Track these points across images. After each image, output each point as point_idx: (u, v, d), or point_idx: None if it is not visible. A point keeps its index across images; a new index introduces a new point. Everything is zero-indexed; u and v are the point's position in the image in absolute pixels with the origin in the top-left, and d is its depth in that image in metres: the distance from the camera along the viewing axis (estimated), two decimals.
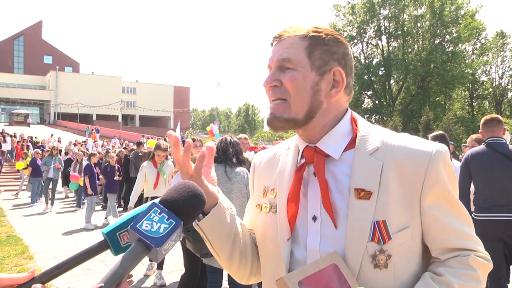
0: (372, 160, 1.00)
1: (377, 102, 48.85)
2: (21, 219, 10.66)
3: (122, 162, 12.28)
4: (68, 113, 62.21)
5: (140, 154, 10.77)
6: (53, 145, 14.46)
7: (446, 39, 45.01)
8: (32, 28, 75.54)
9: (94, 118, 63.91)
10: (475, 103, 48.03)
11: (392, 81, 48.91)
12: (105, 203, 11.68)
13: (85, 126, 45.31)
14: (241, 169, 3.84)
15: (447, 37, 45.01)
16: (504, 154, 3.81)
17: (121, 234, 0.84)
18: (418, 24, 46.03)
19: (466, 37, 43.95)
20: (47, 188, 12.73)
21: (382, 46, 47.99)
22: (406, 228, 0.97)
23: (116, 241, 0.83)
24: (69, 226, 9.65)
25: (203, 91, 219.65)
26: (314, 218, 1.02)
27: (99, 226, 9.63)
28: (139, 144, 12.79)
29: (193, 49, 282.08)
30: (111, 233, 0.83)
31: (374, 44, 48.98)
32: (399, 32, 45.94)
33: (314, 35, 1.03)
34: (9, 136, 25.53)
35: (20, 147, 20.71)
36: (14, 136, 26.38)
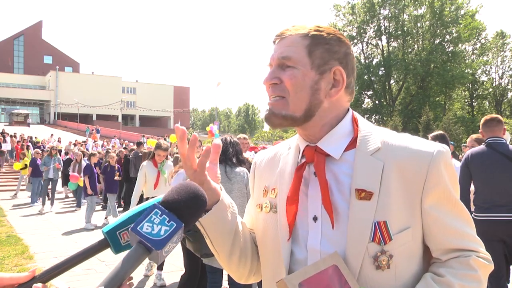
0: (373, 161, 0.99)
1: (377, 102, 48.87)
2: (21, 219, 10.66)
3: (122, 162, 12.29)
4: (68, 113, 62.20)
5: (140, 154, 10.77)
6: (52, 145, 14.41)
7: (446, 39, 45.04)
8: (32, 28, 75.53)
9: (94, 118, 63.88)
10: (475, 103, 48.06)
11: (392, 81, 48.94)
12: (105, 203, 11.68)
13: (85, 126, 45.30)
14: (241, 169, 3.84)
15: (447, 37, 45.05)
16: (504, 154, 3.81)
17: (121, 233, 0.84)
18: (418, 24, 46.06)
19: (466, 37, 43.97)
20: (46, 189, 12.72)
21: (382, 46, 48.02)
22: (407, 229, 0.97)
23: (117, 240, 0.83)
24: (69, 226, 9.65)
25: (203, 91, 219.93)
26: (315, 218, 1.02)
27: (99, 226, 9.63)
28: (139, 144, 12.80)
29: (193, 49, 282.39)
30: (111, 232, 0.83)
31: (374, 44, 49.02)
32: (399, 32, 45.96)
33: (315, 34, 1.02)
34: (9, 136, 25.54)
35: (20, 147, 20.68)
36: (14, 136, 26.37)
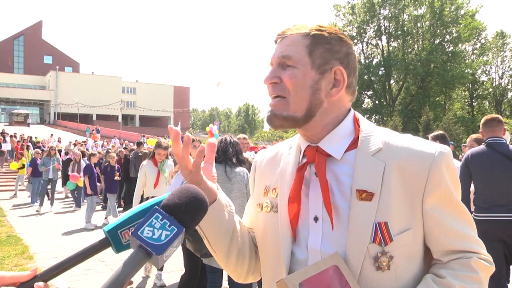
0: (374, 161, 0.99)
1: (377, 102, 48.87)
2: (21, 219, 10.66)
3: (122, 162, 12.29)
4: (68, 113, 62.20)
5: (140, 154, 10.77)
6: (51, 146, 14.39)
7: (446, 39, 45.03)
8: (32, 28, 75.52)
9: (94, 118, 63.88)
10: (475, 103, 48.05)
11: (392, 81, 48.93)
12: (105, 203, 11.68)
13: (85, 126, 45.30)
14: (241, 169, 3.84)
15: (447, 37, 45.04)
16: (504, 154, 3.81)
17: (123, 232, 0.83)
18: (418, 24, 46.05)
19: (466, 37, 43.96)
20: (46, 189, 12.70)
21: (382, 46, 48.01)
22: (408, 230, 0.97)
23: (118, 239, 0.83)
24: (69, 226, 9.64)
25: (203, 91, 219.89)
26: (316, 219, 1.02)
27: (99, 226, 9.63)
28: (139, 144, 12.80)
29: (193, 49, 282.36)
30: (113, 231, 0.83)
31: (374, 44, 49.01)
32: (399, 32, 45.95)
33: (316, 34, 1.02)
34: (9, 136, 25.54)
35: (20, 147, 20.67)
36: (14, 136, 26.38)
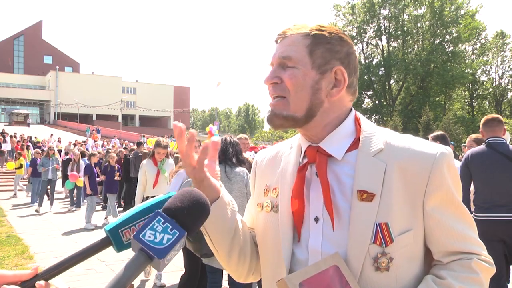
0: (375, 162, 0.99)
1: (377, 102, 48.88)
2: (21, 219, 10.66)
3: (122, 162, 12.28)
4: (68, 113, 62.17)
5: (140, 154, 10.76)
6: (50, 146, 14.36)
7: (446, 39, 45.05)
8: (32, 28, 75.50)
9: (94, 118, 63.86)
10: (475, 103, 48.06)
11: (392, 81, 48.94)
12: (105, 203, 11.68)
13: (85, 126, 45.29)
14: (241, 169, 3.83)
15: (447, 37, 45.06)
16: (504, 154, 3.81)
17: (124, 231, 0.83)
18: (418, 24, 46.06)
19: (466, 37, 43.98)
20: (45, 189, 12.67)
21: (382, 46, 48.02)
22: (409, 231, 0.96)
23: (119, 238, 0.83)
24: (69, 226, 9.64)
25: (203, 91, 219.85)
26: (316, 219, 1.01)
27: (99, 226, 9.63)
28: (139, 144, 12.79)
29: (193, 49, 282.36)
30: (114, 230, 0.83)
31: (374, 44, 49.03)
32: (399, 32, 45.97)
33: (317, 34, 1.02)
34: (9, 136, 25.54)
35: (20, 147, 20.67)
36: (14, 136, 26.39)
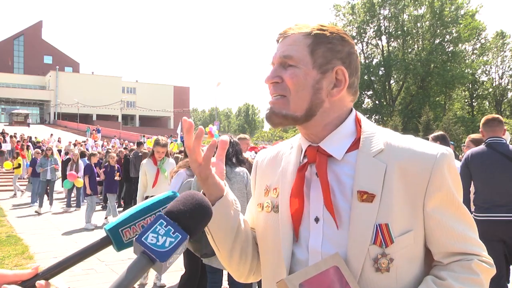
0: (376, 162, 0.98)
1: (377, 102, 48.90)
2: (21, 219, 10.66)
3: (122, 162, 12.28)
4: (68, 113, 62.17)
5: (140, 154, 10.77)
6: (47, 146, 14.36)
7: (446, 39, 45.07)
8: (32, 28, 75.48)
9: (94, 118, 63.83)
10: (475, 103, 48.08)
11: (392, 81, 48.96)
12: (105, 203, 11.68)
13: (85, 126, 45.28)
14: (241, 169, 3.83)
15: (447, 37, 45.08)
16: (504, 154, 3.81)
17: (124, 230, 0.83)
18: (418, 24, 46.08)
19: (466, 37, 44.00)
20: (44, 190, 12.66)
21: (382, 46, 48.04)
22: (409, 232, 0.96)
23: (119, 237, 0.83)
24: (69, 226, 9.65)
25: (203, 91, 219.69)
26: (317, 219, 1.01)
27: (99, 226, 9.63)
28: (139, 144, 12.80)
29: (193, 49, 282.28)
30: (114, 229, 0.83)
31: (374, 44, 49.05)
32: (399, 32, 45.98)
33: (318, 33, 1.01)
34: (9, 136, 25.53)
35: (20, 147, 20.67)
36: (14, 136, 26.39)
